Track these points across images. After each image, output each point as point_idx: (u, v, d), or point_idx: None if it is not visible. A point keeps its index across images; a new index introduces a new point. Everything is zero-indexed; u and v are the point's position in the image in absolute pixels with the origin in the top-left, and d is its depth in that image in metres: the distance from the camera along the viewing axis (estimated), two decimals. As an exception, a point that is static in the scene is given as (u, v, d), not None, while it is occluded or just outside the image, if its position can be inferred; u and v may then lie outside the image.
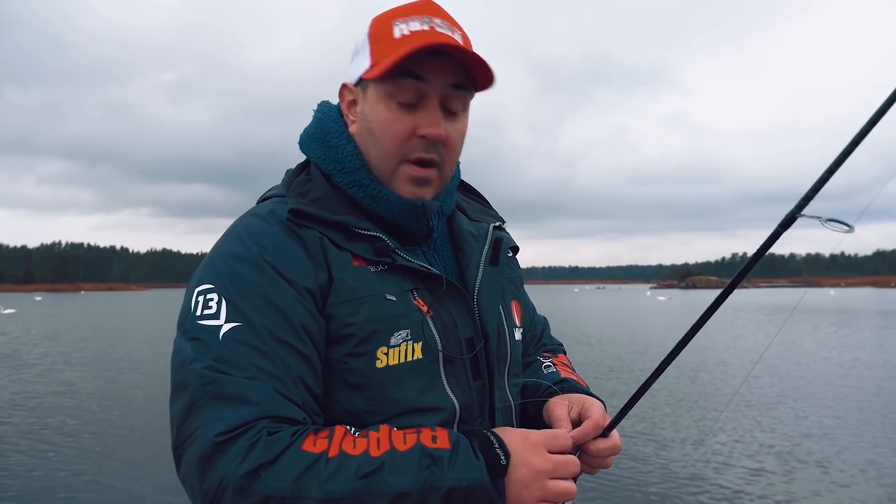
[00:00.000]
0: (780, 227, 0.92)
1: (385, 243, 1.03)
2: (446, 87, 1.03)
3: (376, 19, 1.07)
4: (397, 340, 0.99)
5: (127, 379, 12.59)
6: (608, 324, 27.71)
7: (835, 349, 17.01)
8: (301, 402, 0.93)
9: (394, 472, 0.86)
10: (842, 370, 13.15)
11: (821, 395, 10.42)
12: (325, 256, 1.00)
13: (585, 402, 1.11)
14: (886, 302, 52.37)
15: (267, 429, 0.87)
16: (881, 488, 5.98)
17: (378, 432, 0.92)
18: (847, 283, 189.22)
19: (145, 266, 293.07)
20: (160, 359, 15.34)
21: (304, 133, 1.16)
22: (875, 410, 9.32)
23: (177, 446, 0.91)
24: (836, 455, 7.03)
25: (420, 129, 1.03)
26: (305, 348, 0.95)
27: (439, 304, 1.05)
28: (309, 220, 1.02)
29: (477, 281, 1.13)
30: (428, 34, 1.00)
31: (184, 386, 0.91)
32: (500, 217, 1.30)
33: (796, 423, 8.59)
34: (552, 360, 1.33)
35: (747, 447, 7.37)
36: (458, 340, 1.06)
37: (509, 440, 0.94)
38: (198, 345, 0.92)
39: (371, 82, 1.05)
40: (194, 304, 0.96)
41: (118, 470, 6.58)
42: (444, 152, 1.06)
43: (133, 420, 8.90)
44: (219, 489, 0.84)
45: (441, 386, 1.02)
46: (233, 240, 1.02)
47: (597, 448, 1.04)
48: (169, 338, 1.05)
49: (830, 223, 0.83)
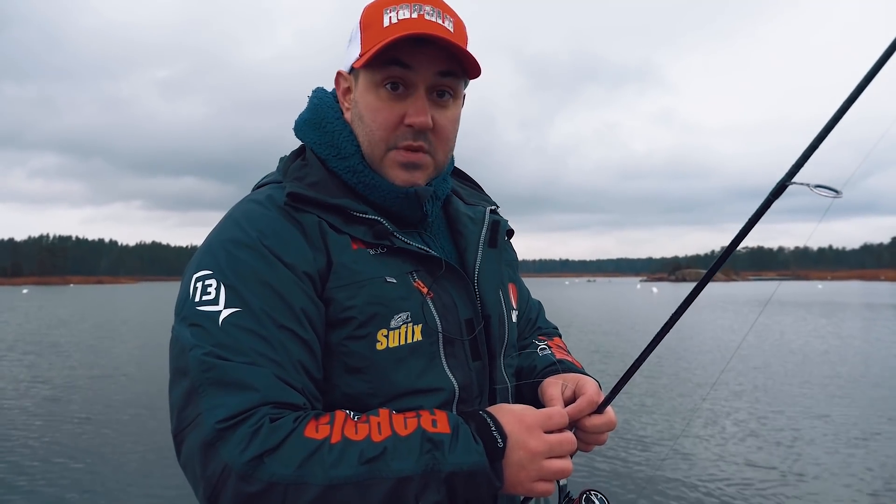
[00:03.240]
0: (771, 194, 0.95)
1: (383, 226, 1.04)
2: (434, 75, 1.03)
3: (368, 7, 1.08)
4: (397, 322, 1.00)
5: (107, 373, 12.54)
6: (602, 316, 27.83)
7: (821, 338, 17.21)
8: (301, 387, 0.93)
9: (396, 457, 0.86)
10: (830, 357, 13.33)
11: (798, 381, 10.57)
12: (324, 240, 1.00)
13: (580, 381, 1.13)
14: (872, 295, 52.83)
15: (269, 415, 0.87)
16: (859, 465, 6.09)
17: (378, 417, 0.92)
18: (834, 276, 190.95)
19: (134, 259, 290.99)
20: (149, 351, 15.30)
21: (300, 118, 1.16)
22: (857, 395, 9.47)
23: (177, 433, 0.90)
24: (817, 435, 7.18)
25: (407, 118, 1.03)
26: (306, 333, 0.95)
27: (439, 286, 1.06)
28: (307, 203, 1.02)
29: (476, 263, 1.14)
30: (415, 23, 1.01)
31: (183, 372, 0.91)
32: (494, 202, 1.31)
33: (774, 405, 8.74)
34: (547, 343, 1.35)
35: (725, 432, 7.49)
36: (458, 322, 1.07)
37: (505, 421, 0.94)
38: (197, 331, 0.92)
39: (361, 70, 1.05)
40: (192, 290, 0.96)
41: (105, 464, 6.58)
42: (434, 140, 1.07)
43: (122, 415, 8.87)
44: (222, 475, 0.84)
45: (441, 367, 1.03)
46: (231, 225, 1.01)
47: (592, 424, 1.06)
48: (158, 330, 1.06)
49: (819, 189, 0.87)
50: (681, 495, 5.46)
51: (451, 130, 1.09)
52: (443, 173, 1.16)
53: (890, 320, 24.94)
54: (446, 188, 1.20)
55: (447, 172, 1.20)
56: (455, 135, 1.12)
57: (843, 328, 21.23)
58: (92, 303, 46.68)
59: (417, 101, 1.03)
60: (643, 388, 9.97)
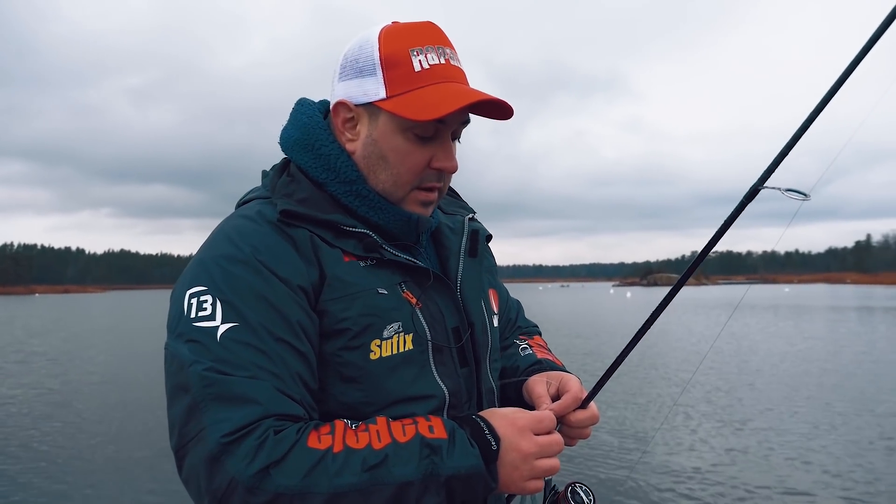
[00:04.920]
0: (745, 198, 1.00)
1: (372, 239, 1.06)
2: (459, 124, 1.09)
3: (388, 41, 1.04)
4: (390, 332, 1.02)
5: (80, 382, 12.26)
6: (578, 321, 28.07)
7: (786, 338, 17.60)
8: (300, 398, 0.95)
9: (397, 464, 0.89)
10: (800, 357, 13.65)
11: (767, 380, 10.81)
12: (316, 254, 1.02)
13: (563, 378, 1.18)
14: (837, 298, 54.18)
15: (273, 427, 0.89)
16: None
17: (377, 425, 0.95)
18: (801, 279, 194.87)
19: (102, 267, 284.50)
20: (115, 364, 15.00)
21: (286, 136, 1.15)
22: (817, 393, 9.72)
23: (179, 448, 0.91)
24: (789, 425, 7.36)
25: (435, 162, 1.07)
26: (302, 345, 0.97)
27: (426, 296, 1.09)
28: (299, 219, 1.04)
29: (459, 272, 1.18)
30: (445, 70, 1.04)
31: (184, 388, 0.91)
32: (471, 209, 1.34)
33: (743, 405, 8.93)
34: (528, 342, 1.39)
35: (698, 432, 7.65)
36: (446, 330, 1.10)
37: (498, 425, 0.98)
38: (195, 347, 0.92)
39: (386, 112, 1.05)
40: (187, 307, 0.96)
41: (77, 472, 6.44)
42: (446, 178, 1.13)
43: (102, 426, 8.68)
44: (228, 489, 0.85)
45: (431, 375, 1.06)
46: (223, 241, 1.02)
47: (577, 419, 1.11)
48: (128, 338, 1.05)
49: (790, 192, 0.93)
50: (661, 483, 5.56)
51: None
52: None
53: (853, 322, 25.62)
54: (437, 216, 1.24)
55: None
56: None
57: (809, 330, 21.73)
58: (61, 312, 45.58)
59: (447, 148, 1.08)
60: (619, 387, 10.12)
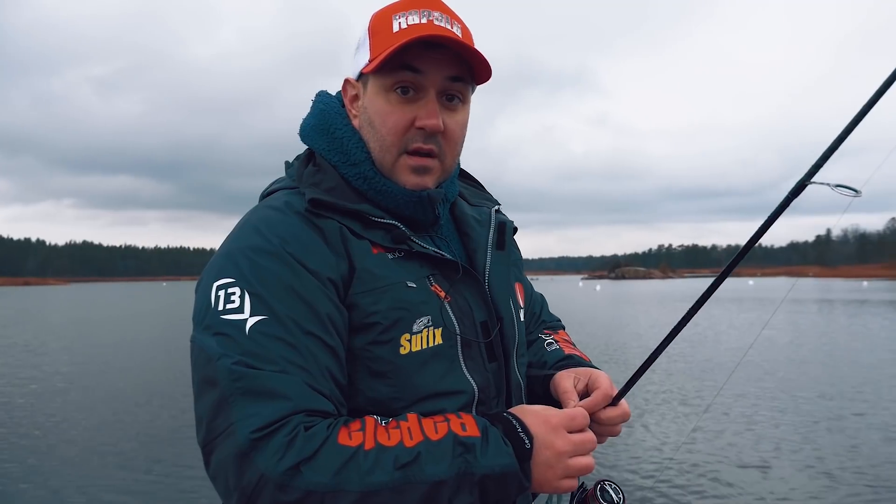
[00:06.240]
0: (790, 194, 0.98)
1: (401, 230, 1.05)
2: (444, 79, 1.04)
3: (376, 14, 1.07)
4: (419, 327, 1.01)
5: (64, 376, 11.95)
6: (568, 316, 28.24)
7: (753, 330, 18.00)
8: (330, 393, 0.93)
9: (430, 462, 0.87)
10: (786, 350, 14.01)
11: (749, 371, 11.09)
12: (346, 246, 1.01)
13: (592, 374, 1.15)
14: (799, 290, 55.54)
15: (303, 423, 0.87)
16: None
17: (408, 422, 0.93)
18: (764, 272, 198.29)
19: (64, 259, 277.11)
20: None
21: (305, 124, 1.16)
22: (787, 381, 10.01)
23: (206, 443, 0.90)
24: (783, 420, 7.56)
25: (418, 121, 1.04)
26: (332, 339, 0.95)
27: (454, 290, 1.07)
28: (329, 209, 1.02)
29: (486, 265, 1.15)
30: (425, 27, 1.01)
31: (212, 382, 0.90)
32: (496, 200, 1.32)
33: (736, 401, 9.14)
34: (554, 337, 1.36)
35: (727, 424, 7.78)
36: (474, 324, 1.08)
37: (531, 423, 0.96)
38: (223, 340, 0.91)
39: (370, 76, 1.06)
40: (214, 299, 0.94)
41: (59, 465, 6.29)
42: (443, 143, 1.08)
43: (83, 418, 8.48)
44: (258, 485, 0.84)
45: (460, 370, 1.05)
46: (250, 232, 1.00)
47: (607, 416, 1.08)
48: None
49: (840, 188, 0.92)
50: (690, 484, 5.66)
51: (459, 134, 1.11)
52: (451, 176, 1.17)
53: (815, 315, 26.30)
54: (455, 191, 1.22)
55: (455, 175, 1.21)
56: (463, 139, 1.13)
57: (777, 321, 22.26)
58: (27, 304, 44.20)
59: (428, 105, 1.04)
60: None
